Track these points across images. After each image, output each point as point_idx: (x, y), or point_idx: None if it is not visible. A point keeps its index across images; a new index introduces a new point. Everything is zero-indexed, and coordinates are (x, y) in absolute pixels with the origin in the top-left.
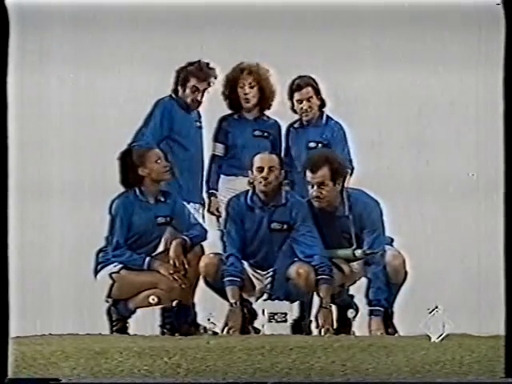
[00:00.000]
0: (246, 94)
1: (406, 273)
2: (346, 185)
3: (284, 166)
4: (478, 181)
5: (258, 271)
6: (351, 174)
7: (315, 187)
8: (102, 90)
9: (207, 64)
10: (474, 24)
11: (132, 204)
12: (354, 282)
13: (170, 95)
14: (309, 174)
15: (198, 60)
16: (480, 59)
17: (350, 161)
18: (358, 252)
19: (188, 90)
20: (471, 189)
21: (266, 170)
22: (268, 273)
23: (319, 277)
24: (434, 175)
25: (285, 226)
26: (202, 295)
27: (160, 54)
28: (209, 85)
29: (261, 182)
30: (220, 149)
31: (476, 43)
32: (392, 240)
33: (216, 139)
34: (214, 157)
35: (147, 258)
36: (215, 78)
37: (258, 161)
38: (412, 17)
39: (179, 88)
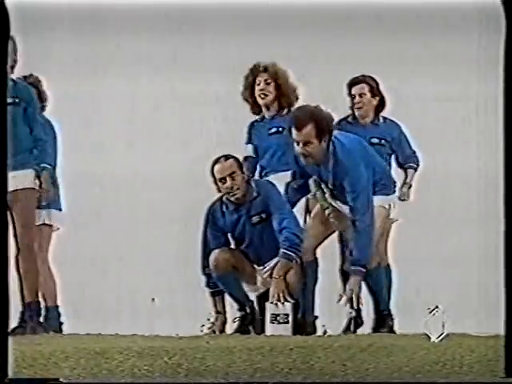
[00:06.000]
0: (261, 90)
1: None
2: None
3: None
4: (480, 181)
5: (255, 266)
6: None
7: (301, 145)
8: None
9: None
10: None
11: None
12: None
13: None
14: (294, 132)
15: None
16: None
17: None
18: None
19: None
20: (472, 188)
21: (228, 179)
22: (264, 267)
23: (281, 250)
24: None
25: (263, 216)
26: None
27: None
28: None
29: (229, 193)
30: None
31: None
32: None
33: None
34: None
35: None
36: None
37: (217, 171)
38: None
39: None
